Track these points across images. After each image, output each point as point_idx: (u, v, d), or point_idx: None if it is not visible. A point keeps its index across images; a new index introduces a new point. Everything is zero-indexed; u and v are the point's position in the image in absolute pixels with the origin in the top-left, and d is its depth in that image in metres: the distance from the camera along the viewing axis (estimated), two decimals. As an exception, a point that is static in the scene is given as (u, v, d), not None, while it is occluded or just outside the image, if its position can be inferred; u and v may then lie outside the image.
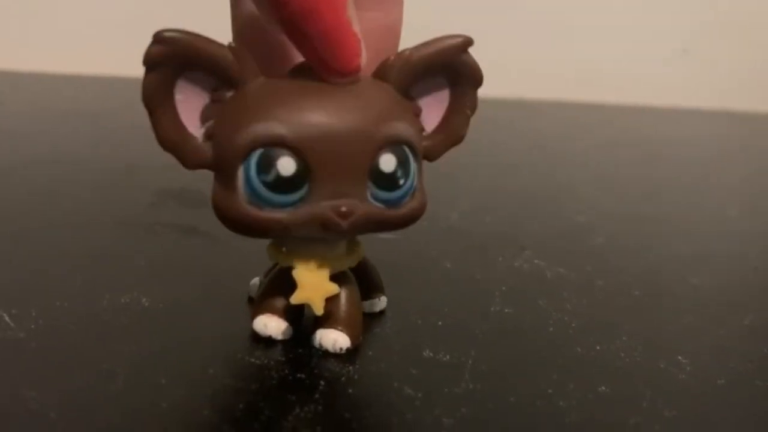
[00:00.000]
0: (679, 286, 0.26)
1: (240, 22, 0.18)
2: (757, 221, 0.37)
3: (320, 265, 0.18)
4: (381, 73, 0.18)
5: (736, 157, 0.55)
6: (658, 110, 0.72)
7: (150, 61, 0.16)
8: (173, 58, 0.16)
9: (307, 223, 0.17)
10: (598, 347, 0.20)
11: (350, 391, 0.17)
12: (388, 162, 0.17)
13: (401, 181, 0.17)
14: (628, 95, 0.73)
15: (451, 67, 0.18)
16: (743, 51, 0.76)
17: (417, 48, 0.18)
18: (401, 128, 0.17)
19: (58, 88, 0.63)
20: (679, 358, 0.20)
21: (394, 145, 0.17)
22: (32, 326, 0.19)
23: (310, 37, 0.16)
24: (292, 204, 0.17)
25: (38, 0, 0.67)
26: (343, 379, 0.18)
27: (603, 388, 0.18)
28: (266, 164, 0.16)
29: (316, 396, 0.17)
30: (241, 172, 0.16)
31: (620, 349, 0.20)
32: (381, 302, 0.21)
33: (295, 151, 0.16)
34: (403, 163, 0.17)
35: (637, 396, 0.18)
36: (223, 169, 0.17)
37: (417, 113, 0.19)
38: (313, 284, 0.18)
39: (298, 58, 0.18)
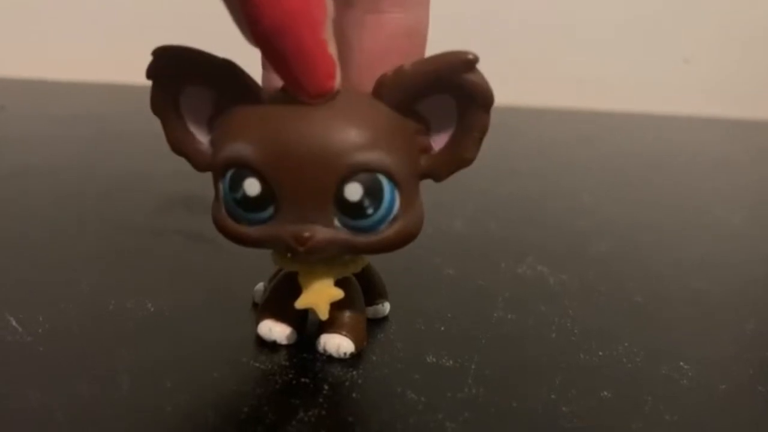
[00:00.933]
0: (681, 292, 0.26)
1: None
2: (759, 228, 0.37)
3: (325, 271, 0.18)
4: (377, 90, 0.17)
5: (738, 165, 0.55)
6: (660, 118, 0.72)
7: (149, 75, 0.17)
8: (171, 72, 0.17)
9: (271, 242, 0.17)
10: (600, 353, 0.20)
11: (354, 395, 0.17)
12: (353, 191, 0.16)
13: (369, 210, 0.16)
14: (631, 103, 0.73)
15: (457, 86, 0.17)
16: (744, 60, 0.76)
17: (415, 63, 0.17)
18: (373, 156, 0.16)
19: (63, 94, 0.63)
20: (681, 363, 0.20)
21: (364, 173, 0.16)
22: (39, 330, 0.19)
23: (283, 56, 0.15)
24: (262, 221, 0.17)
25: (43, 7, 0.68)
26: (346, 383, 0.18)
27: (605, 393, 0.18)
28: (235, 183, 0.17)
29: (320, 400, 0.17)
30: (220, 187, 0.17)
31: (622, 354, 0.20)
32: (384, 308, 0.21)
33: (259, 173, 0.16)
34: (372, 192, 0.16)
35: (639, 401, 0.18)
36: (214, 179, 0.18)
37: (422, 131, 0.18)
38: (318, 289, 0.18)
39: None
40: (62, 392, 0.17)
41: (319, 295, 0.18)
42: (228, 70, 0.17)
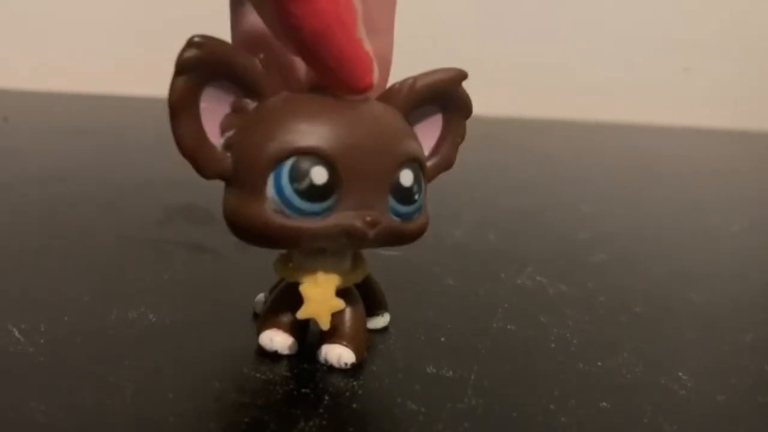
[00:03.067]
0: (680, 302, 0.26)
1: (241, 37, 0.19)
2: (759, 238, 0.37)
3: (326, 281, 0.18)
4: (387, 99, 0.19)
5: (738, 175, 0.55)
6: (660, 128, 0.72)
7: (183, 65, 0.16)
8: (205, 63, 0.16)
9: (334, 231, 0.17)
10: (599, 363, 0.20)
11: (354, 405, 0.17)
12: (407, 177, 0.18)
13: (416, 196, 0.18)
14: (631, 113, 0.73)
15: (445, 97, 0.19)
16: (745, 70, 0.76)
17: (420, 76, 0.19)
18: (416, 147, 0.18)
19: (64, 106, 0.63)
20: (680, 374, 0.20)
21: (412, 161, 0.18)
22: (41, 340, 0.19)
23: (324, 58, 0.17)
24: (320, 213, 0.17)
25: (46, 20, 0.68)
26: (347, 394, 0.18)
27: (604, 403, 0.18)
28: (299, 173, 0.17)
29: (321, 410, 0.17)
30: (270, 181, 0.17)
31: (621, 365, 0.20)
32: (384, 319, 0.22)
33: (327, 161, 0.17)
34: (418, 179, 0.18)
35: (638, 412, 0.18)
36: (246, 178, 0.17)
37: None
38: (320, 299, 0.18)
39: (305, 73, 0.18)
40: (64, 402, 0.17)
41: (321, 305, 0.18)
42: (264, 64, 0.17)
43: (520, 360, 0.20)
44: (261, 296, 0.22)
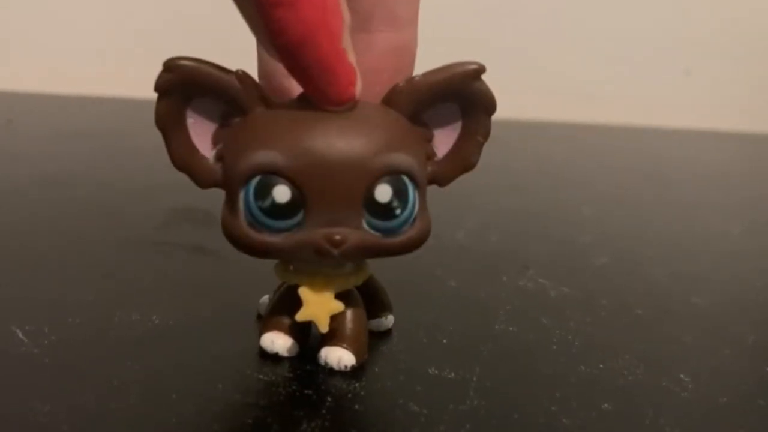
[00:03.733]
0: (681, 305, 0.26)
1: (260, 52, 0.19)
2: (760, 240, 0.37)
3: (325, 284, 0.18)
4: (389, 99, 0.18)
5: (739, 178, 0.55)
6: (661, 131, 0.72)
7: (159, 89, 0.17)
8: (181, 85, 0.17)
9: (301, 248, 0.17)
10: (601, 365, 0.20)
11: (357, 407, 0.17)
12: (383, 193, 0.17)
13: (397, 211, 0.17)
14: (632, 116, 0.73)
15: (464, 94, 0.18)
16: (746, 72, 0.76)
17: (426, 74, 0.18)
18: (399, 159, 0.17)
19: (68, 109, 0.64)
20: (682, 376, 0.20)
21: (391, 175, 0.17)
22: (45, 342, 0.20)
23: (305, 66, 0.16)
24: (288, 229, 0.17)
25: (50, 23, 0.68)
26: (349, 395, 0.18)
27: (606, 405, 0.18)
28: (263, 191, 0.17)
29: (323, 412, 0.17)
30: (241, 196, 0.17)
31: (623, 367, 0.20)
32: (388, 321, 0.22)
33: (290, 179, 0.16)
34: (400, 193, 0.17)
35: (640, 414, 0.18)
36: (228, 191, 0.17)
37: (428, 138, 0.19)
38: (318, 302, 0.18)
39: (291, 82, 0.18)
40: (68, 403, 0.17)
41: (320, 307, 0.18)
42: (241, 80, 0.17)
43: (521, 362, 0.20)
44: (265, 298, 0.22)
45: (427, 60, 0.19)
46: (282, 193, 0.16)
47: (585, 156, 0.59)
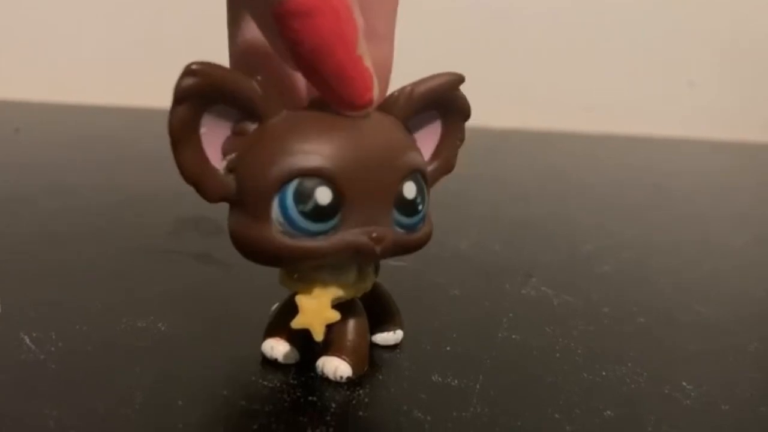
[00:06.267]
0: (684, 313, 0.26)
1: (239, 51, 0.19)
2: (762, 250, 0.37)
3: (323, 292, 0.18)
4: (385, 108, 0.18)
5: (742, 187, 0.55)
6: (664, 141, 0.73)
7: (181, 93, 0.16)
8: (204, 90, 0.16)
9: (340, 249, 0.17)
10: (604, 373, 0.20)
11: (361, 414, 0.18)
12: (410, 189, 0.18)
13: (420, 207, 0.18)
14: (635, 126, 0.74)
15: (444, 102, 0.20)
16: (749, 83, 0.76)
17: (417, 84, 0.19)
18: (417, 158, 0.18)
19: (75, 118, 0.64)
20: (684, 384, 0.20)
21: (414, 173, 0.18)
22: (52, 349, 0.20)
23: (324, 73, 0.16)
24: (326, 232, 0.17)
25: (56, 32, 0.69)
26: (354, 402, 0.18)
27: (609, 413, 0.18)
28: (304, 194, 0.16)
29: (328, 418, 0.17)
30: (275, 203, 0.17)
31: (626, 375, 0.20)
32: (395, 336, 0.21)
33: (331, 180, 0.17)
34: (420, 190, 0.18)
35: (643, 421, 0.18)
36: (250, 200, 0.17)
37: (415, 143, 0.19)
38: (314, 310, 0.18)
39: (304, 88, 0.18)
40: (75, 410, 0.17)
41: (315, 316, 0.18)
42: (262, 86, 0.17)
43: (525, 369, 0.21)
44: (277, 305, 0.22)
45: (428, 67, 0.20)
46: (324, 195, 0.17)
47: (588, 166, 0.59)
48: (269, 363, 0.20)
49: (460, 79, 0.19)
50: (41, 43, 0.69)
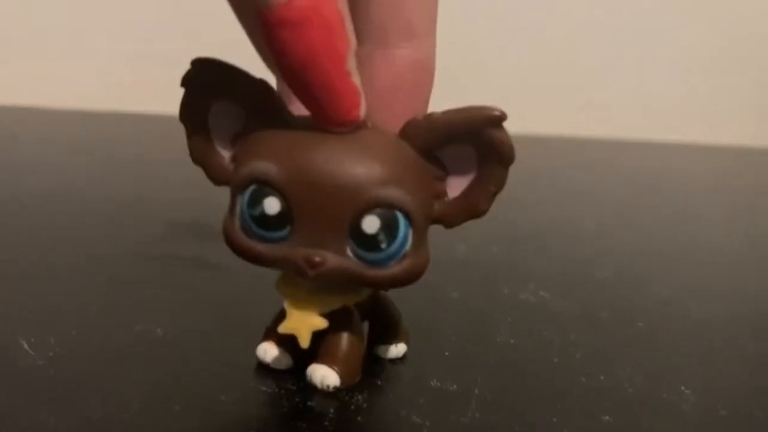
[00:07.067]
0: (682, 318, 0.26)
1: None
2: (759, 254, 0.37)
3: (310, 299, 0.18)
4: (405, 131, 0.17)
5: (740, 191, 0.55)
6: (661, 145, 0.73)
7: (184, 80, 0.17)
8: (205, 80, 0.17)
9: (281, 262, 0.17)
10: (601, 377, 0.20)
11: (359, 419, 0.18)
12: (370, 224, 0.16)
13: (383, 245, 0.17)
14: (633, 131, 0.74)
15: (482, 140, 0.17)
16: (747, 87, 0.76)
17: (446, 112, 0.17)
18: (394, 193, 0.16)
19: (73, 123, 0.64)
20: (682, 388, 0.20)
21: (383, 208, 0.16)
22: (50, 354, 0.20)
23: (308, 86, 0.16)
24: (274, 240, 0.17)
25: (54, 38, 0.69)
26: (352, 407, 0.18)
27: (606, 417, 0.18)
28: (255, 200, 0.17)
29: (326, 423, 0.17)
30: (238, 202, 0.17)
31: (624, 379, 0.20)
32: (398, 350, 0.21)
33: (281, 193, 0.17)
34: (389, 227, 0.17)
35: (640, 426, 0.18)
36: (231, 192, 0.18)
37: (440, 177, 0.18)
38: (300, 317, 0.18)
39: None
40: (73, 414, 0.17)
41: (301, 322, 0.18)
42: (261, 89, 0.17)
43: (523, 374, 0.21)
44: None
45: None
46: (271, 205, 0.17)
47: (586, 170, 0.59)
48: (267, 368, 0.20)
49: (496, 118, 0.17)
50: (38, 49, 0.69)
